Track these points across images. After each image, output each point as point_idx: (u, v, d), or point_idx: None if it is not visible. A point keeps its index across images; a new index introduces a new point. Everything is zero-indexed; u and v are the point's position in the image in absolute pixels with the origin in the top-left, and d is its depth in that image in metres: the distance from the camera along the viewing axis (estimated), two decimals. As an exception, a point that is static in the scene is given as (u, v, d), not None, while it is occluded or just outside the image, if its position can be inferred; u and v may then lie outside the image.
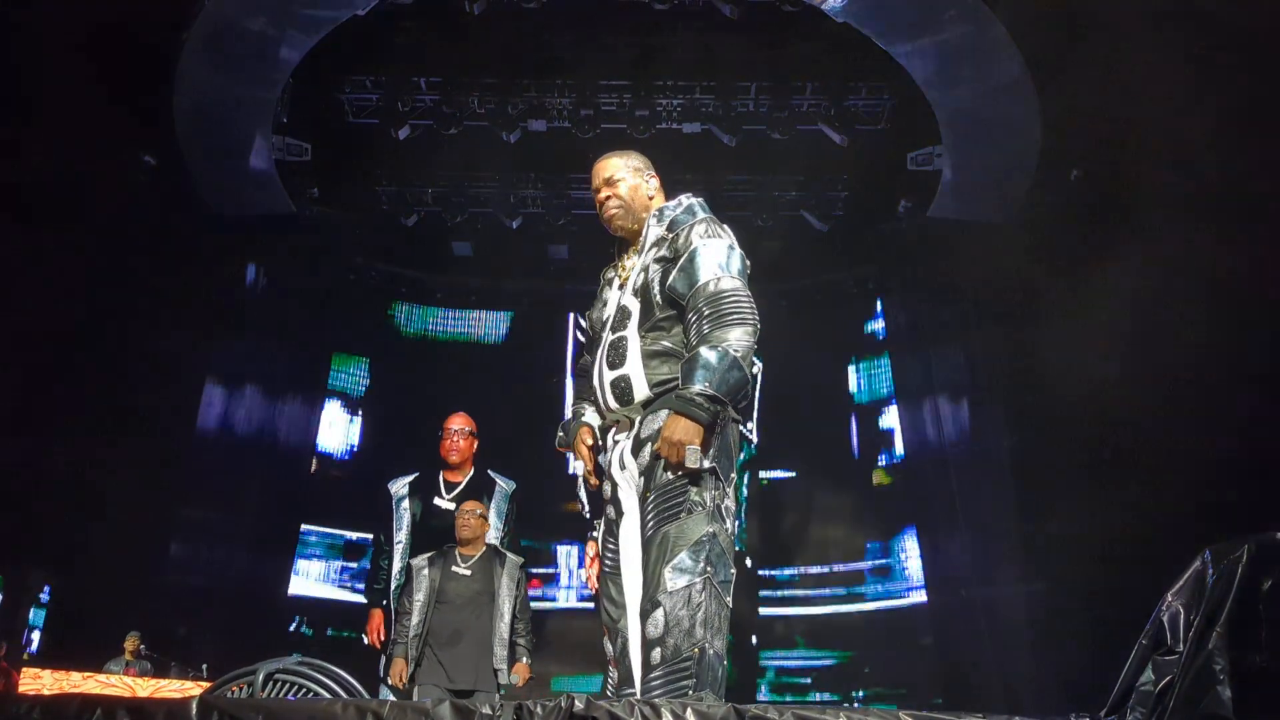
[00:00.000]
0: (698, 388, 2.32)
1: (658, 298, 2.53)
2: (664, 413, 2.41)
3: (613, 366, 2.56)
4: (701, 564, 2.29)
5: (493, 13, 7.07)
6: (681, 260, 2.51)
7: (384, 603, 4.34)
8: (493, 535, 4.34)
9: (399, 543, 4.31)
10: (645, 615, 2.31)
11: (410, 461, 4.73)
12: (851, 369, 9.76)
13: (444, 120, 8.05)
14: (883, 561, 9.23)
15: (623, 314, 2.60)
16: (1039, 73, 6.57)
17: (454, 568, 4.22)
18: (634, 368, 2.52)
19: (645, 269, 2.59)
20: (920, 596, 8.83)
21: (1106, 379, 5.89)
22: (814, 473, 9.60)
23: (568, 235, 9.03)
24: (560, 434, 2.77)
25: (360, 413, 9.66)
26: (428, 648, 4.12)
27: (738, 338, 2.40)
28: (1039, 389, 6.89)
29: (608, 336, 2.61)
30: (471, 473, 4.42)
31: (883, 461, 9.44)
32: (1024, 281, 6.96)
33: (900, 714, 1.84)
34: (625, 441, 2.54)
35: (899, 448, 9.22)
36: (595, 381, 2.61)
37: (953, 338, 8.53)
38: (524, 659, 4.25)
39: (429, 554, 4.22)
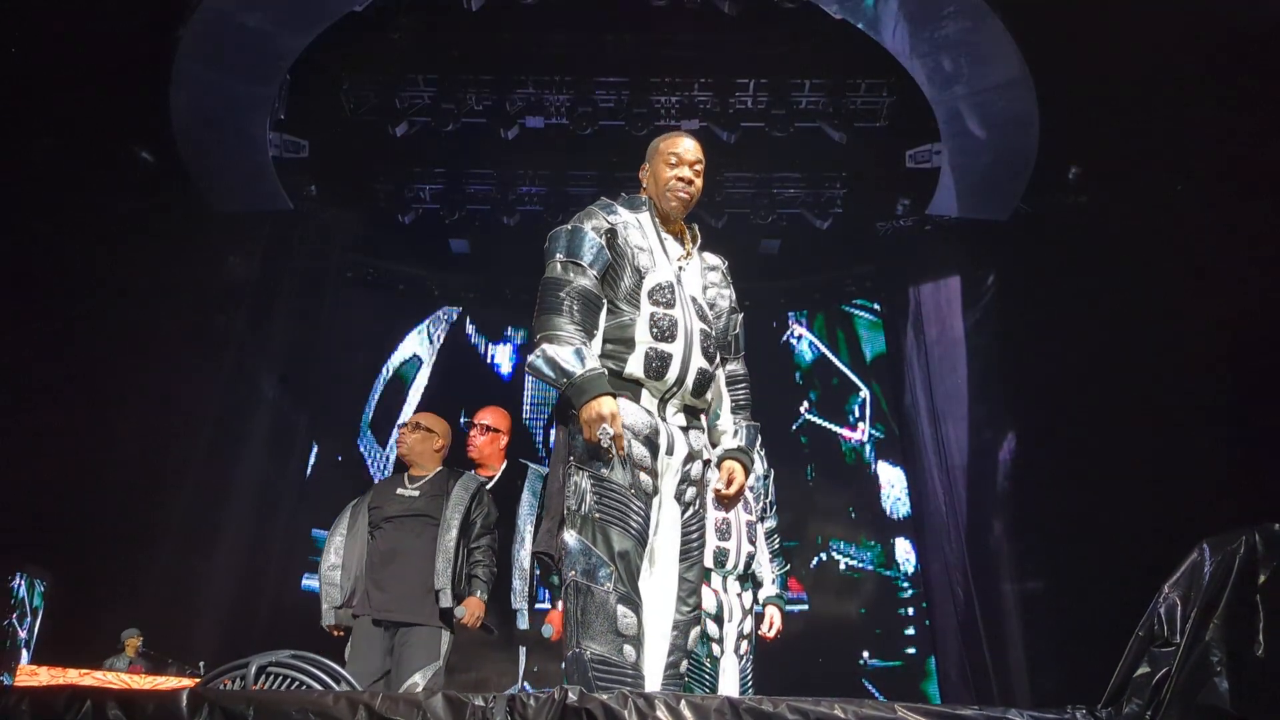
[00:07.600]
0: (756, 466, 2.68)
1: (721, 336, 2.64)
2: (740, 467, 2.58)
3: (708, 358, 2.51)
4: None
5: (490, 9, 7.05)
6: (736, 320, 2.75)
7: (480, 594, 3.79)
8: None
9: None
10: (686, 626, 2.40)
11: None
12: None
13: (442, 117, 8.04)
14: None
15: (702, 312, 2.56)
16: (1038, 70, 6.55)
17: (399, 490, 3.89)
18: (719, 384, 2.67)
19: (707, 288, 2.64)
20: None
21: (1104, 375, 5.89)
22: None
23: (566, 233, 8.99)
24: (582, 383, 2.28)
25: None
26: (363, 578, 3.71)
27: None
28: (1039, 388, 6.89)
29: (695, 322, 2.49)
30: (504, 468, 4.13)
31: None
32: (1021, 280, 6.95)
33: (896, 706, 1.83)
34: (703, 443, 2.54)
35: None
36: (680, 346, 2.43)
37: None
38: (478, 593, 3.68)
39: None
